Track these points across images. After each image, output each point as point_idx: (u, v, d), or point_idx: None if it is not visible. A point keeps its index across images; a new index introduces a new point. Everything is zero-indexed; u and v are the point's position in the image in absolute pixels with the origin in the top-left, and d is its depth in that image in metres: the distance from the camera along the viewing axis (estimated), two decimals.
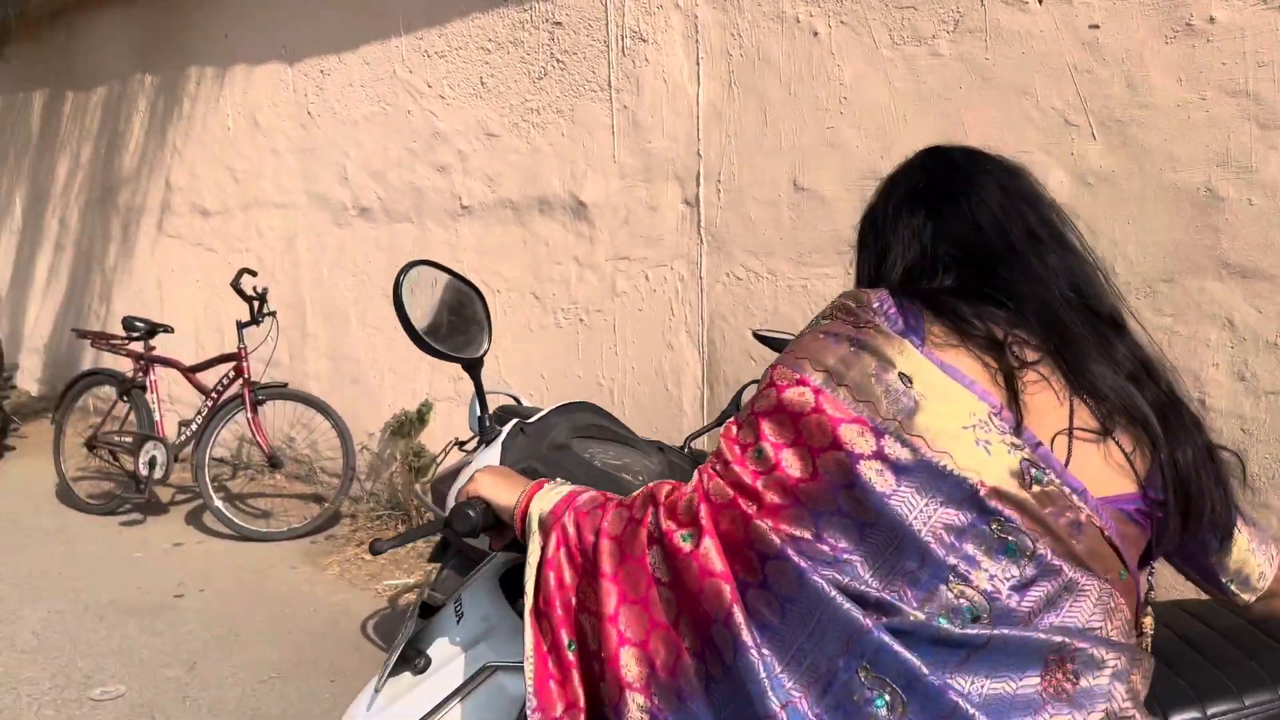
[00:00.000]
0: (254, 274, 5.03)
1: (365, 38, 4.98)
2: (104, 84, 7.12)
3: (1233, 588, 1.33)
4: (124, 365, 5.55)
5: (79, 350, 7.47)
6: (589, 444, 1.71)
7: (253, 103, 5.76)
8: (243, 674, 3.39)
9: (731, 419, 1.22)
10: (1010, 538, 1.05)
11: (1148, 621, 1.24)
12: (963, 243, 1.24)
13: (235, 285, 4.91)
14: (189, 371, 5.16)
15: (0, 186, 8.69)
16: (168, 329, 5.33)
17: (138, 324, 5.22)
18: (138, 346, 5.26)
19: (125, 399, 5.24)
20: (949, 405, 1.08)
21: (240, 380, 4.97)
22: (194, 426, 5.01)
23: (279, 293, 5.53)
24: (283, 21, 5.47)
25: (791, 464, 1.10)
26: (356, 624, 3.84)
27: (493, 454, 1.59)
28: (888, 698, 1.01)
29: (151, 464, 4.99)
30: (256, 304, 4.96)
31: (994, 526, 1.05)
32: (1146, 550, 1.20)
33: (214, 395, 5.02)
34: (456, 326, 1.72)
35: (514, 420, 1.69)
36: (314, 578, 4.38)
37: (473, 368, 1.67)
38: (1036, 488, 1.06)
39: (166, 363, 5.23)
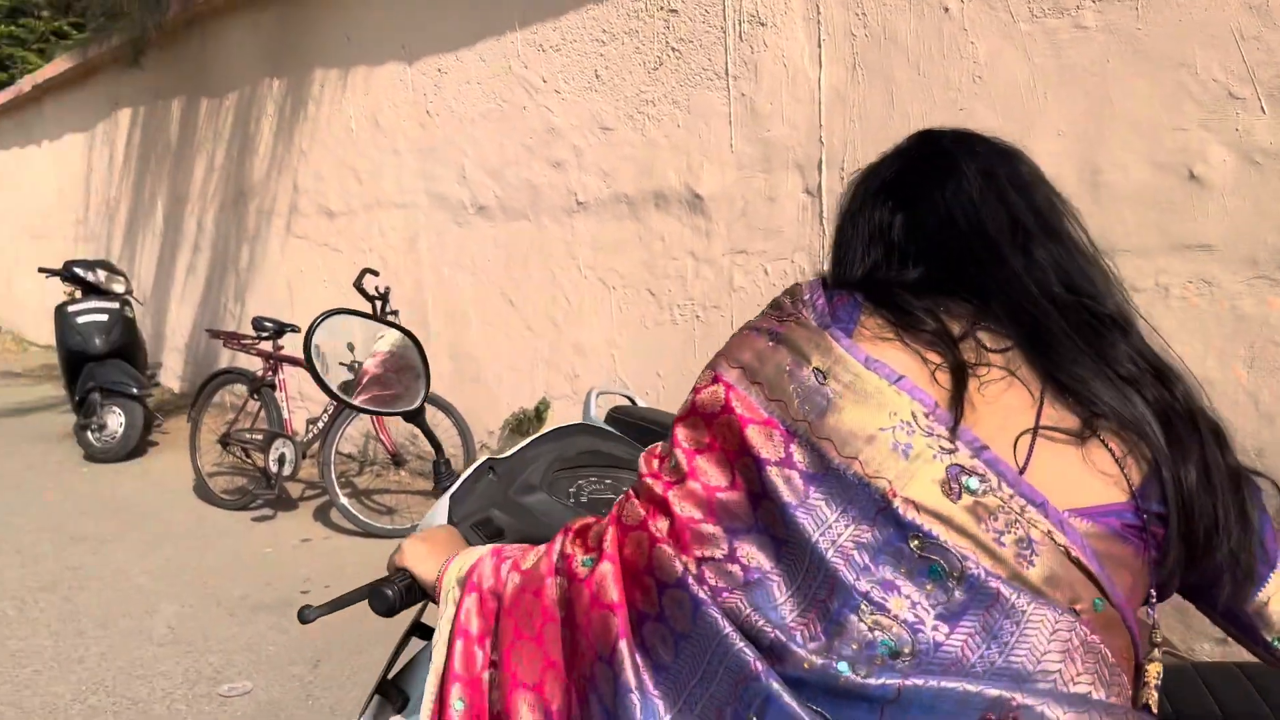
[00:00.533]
0: (376, 274, 5.08)
1: (481, 34, 4.97)
2: (235, 89, 7.34)
3: (1278, 645, 1.05)
4: (256, 364, 5.70)
5: (216, 349, 7.74)
6: (580, 475, 1.58)
7: (374, 103, 5.83)
8: (365, 674, 3.40)
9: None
10: (934, 557, 0.87)
11: (1152, 670, 0.97)
12: (933, 236, 1.07)
13: (358, 285, 4.97)
14: None
15: (143, 191, 9.07)
16: (295, 328, 5.44)
17: (266, 324, 5.34)
18: (267, 346, 5.38)
19: (256, 397, 5.38)
20: (866, 405, 0.92)
21: None
22: (320, 424, 5.10)
23: (402, 292, 5.59)
24: (401, 21, 5.51)
25: (707, 471, 0.98)
26: None
27: (440, 509, 1.46)
28: None
29: (280, 461, 5.10)
30: (379, 304, 5.02)
31: (914, 544, 0.88)
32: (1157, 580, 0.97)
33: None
34: (390, 378, 1.62)
35: (483, 458, 1.56)
36: None
37: (413, 418, 1.55)
38: (968, 498, 0.88)
39: (294, 361, 5.34)
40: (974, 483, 0.89)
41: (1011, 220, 1.04)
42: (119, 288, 7.03)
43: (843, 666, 0.86)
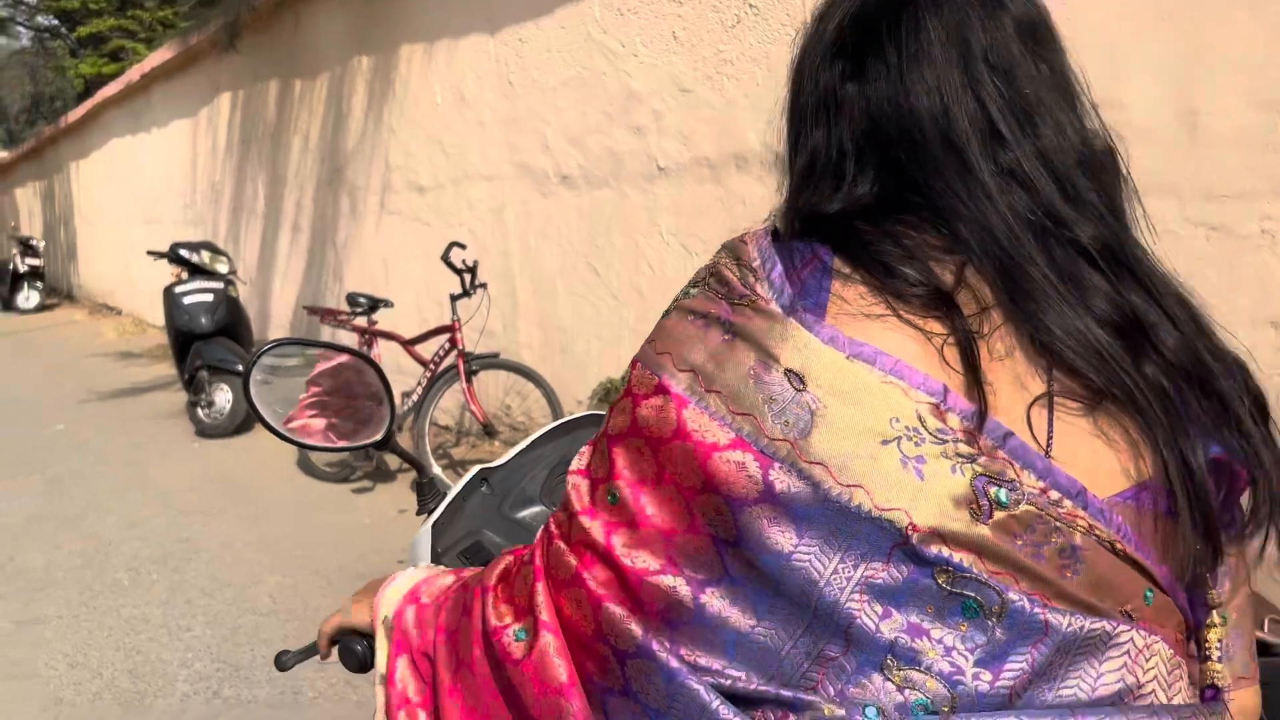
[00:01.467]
0: (463, 247, 5.12)
1: (560, 1, 4.93)
2: (326, 69, 7.46)
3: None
4: (352, 339, 5.82)
5: (319, 326, 7.94)
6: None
7: (458, 76, 5.86)
8: None
9: (587, 441, 0.88)
10: (967, 593, 0.71)
11: (1212, 637, 0.81)
12: (885, 124, 0.81)
13: (445, 258, 5.02)
14: (408, 344, 5.34)
15: (245, 173, 9.34)
16: (388, 303, 5.53)
17: (360, 299, 5.45)
18: (361, 321, 5.49)
19: None
20: (860, 410, 0.72)
21: (455, 351, 5.09)
22: (415, 397, 5.19)
23: (490, 264, 5.63)
24: None
25: (657, 512, 0.76)
26: None
27: (422, 541, 1.27)
28: None
29: None
30: (468, 276, 5.06)
31: (941, 579, 0.71)
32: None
33: (431, 366, 5.18)
34: (346, 406, 1.45)
35: (475, 469, 1.37)
36: None
37: (380, 447, 1.35)
38: (1001, 514, 0.71)
39: (388, 336, 5.43)
40: (1004, 495, 0.71)
41: (987, 116, 0.79)
42: (223, 268, 7.26)
43: (871, 714, 0.71)
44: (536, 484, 1.34)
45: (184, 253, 7.17)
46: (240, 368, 6.71)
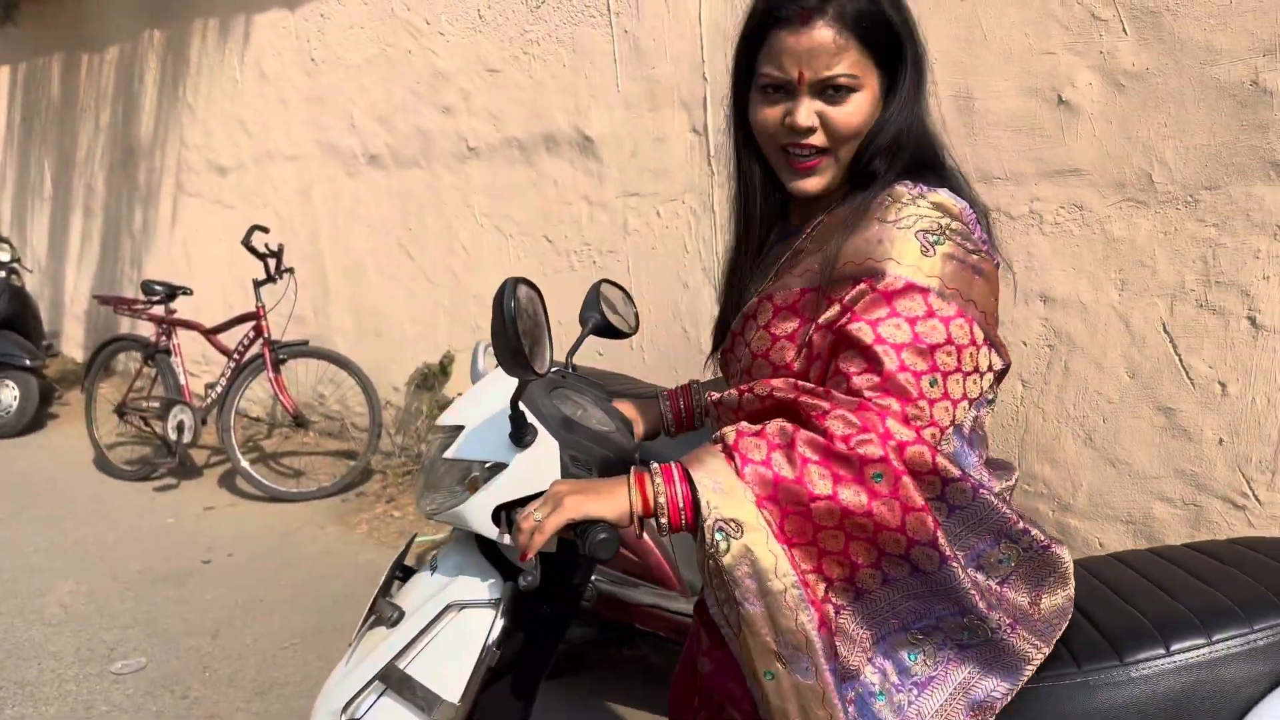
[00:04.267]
0: (266, 230, 4.91)
1: None
2: (116, 43, 7.01)
3: None
4: (149, 330, 5.51)
5: (116, 316, 7.49)
6: (560, 402, 1.57)
7: (257, 52, 5.61)
8: (264, 642, 3.34)
9: (879, 342, 1.19)
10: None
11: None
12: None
13: (246, 243, 4.81)
14: (210, 333, 5.10)
15: (30, 155, 8.68)
16: (187, 291, 5.26)
17: (156, 287, 5.16)
18: (158, 310, 5.20)
19: (151, 363, 5.21)
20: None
21: (260, 340, 4.89)
22: (218, 389, 4.96)
23: (298, 247, 5.43)
24: None
25: (956, 390, 1.21)
26: None
27: (550, 457, 1.41)
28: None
29: (180, 428, 4.96)
30: (273, 261, 4.86)
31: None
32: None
33: (235, 356, 4.96)
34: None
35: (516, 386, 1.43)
36: (343, 537, 4.33)
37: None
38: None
39: (188, 325, 5.17)
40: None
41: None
42: (4, 255, 6.74)
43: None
44: (559, 406, 1.47)
45: None
46: (29, 362, 6.26)
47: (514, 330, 1.20)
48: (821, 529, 1.15)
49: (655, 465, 1.23)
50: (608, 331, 1.84)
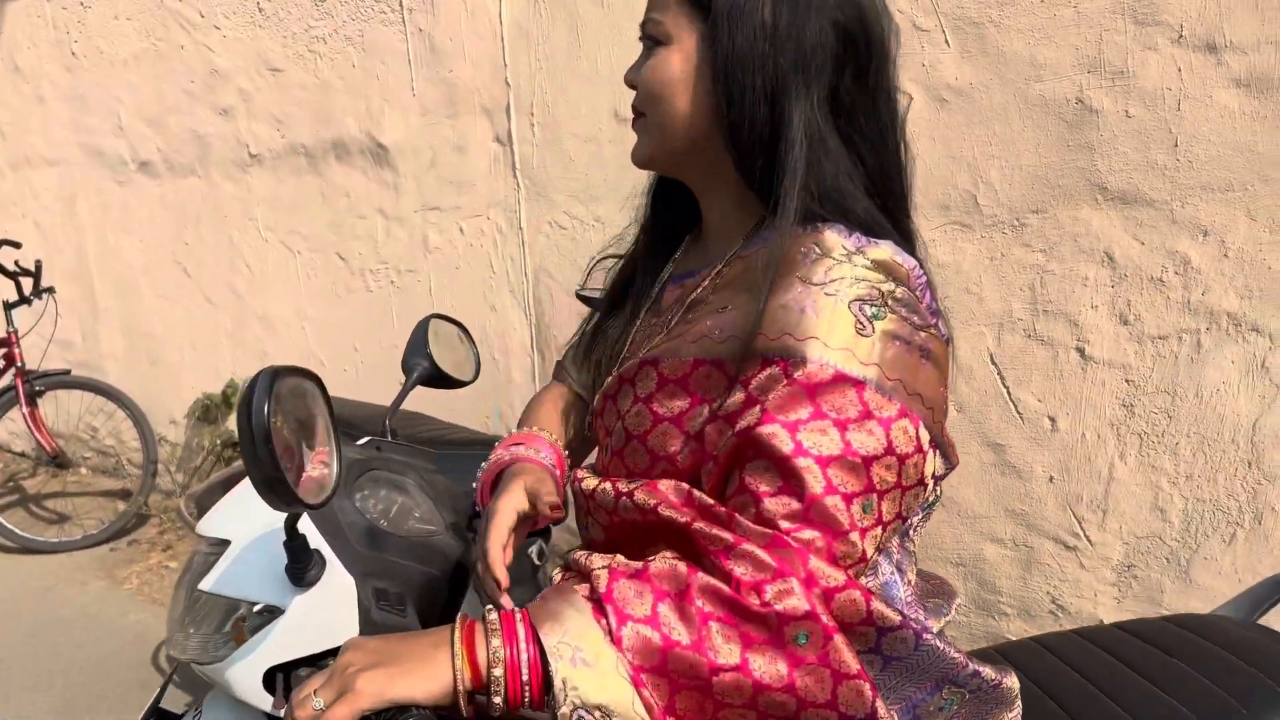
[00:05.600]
0: (17, 245, 4.31)
1: None
2: None
3: None
4: None
5: None
6: (362, 499, 1.21)
7: (10, 43, 4.95)
8: None
9: (800, 454, 0.89)
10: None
11: None
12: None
13: None
14: None
15: None
16: None
17: None
18: None
19: None
20: None
21: (12, 370, 4.28)
22: None
23: (62, 263, 4.83)
24: None
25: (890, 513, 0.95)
26: (149, 651, 3.30)
27: (342, 600, 1.04)
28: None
29: None
30: (28, 281, 4.27)
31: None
32: None
33: None
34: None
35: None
36: (108, 594, 3.80)
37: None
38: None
39: None
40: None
41: None
42: None
43: None
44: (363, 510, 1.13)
45: None
46: None
47: (267, 452, 0.84)
48: (725, 708, 0.86)
49: (493, 613, 0.89)
50: (439, 381, 1.52)
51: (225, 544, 1.11)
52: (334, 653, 0.98)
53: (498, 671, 0.84)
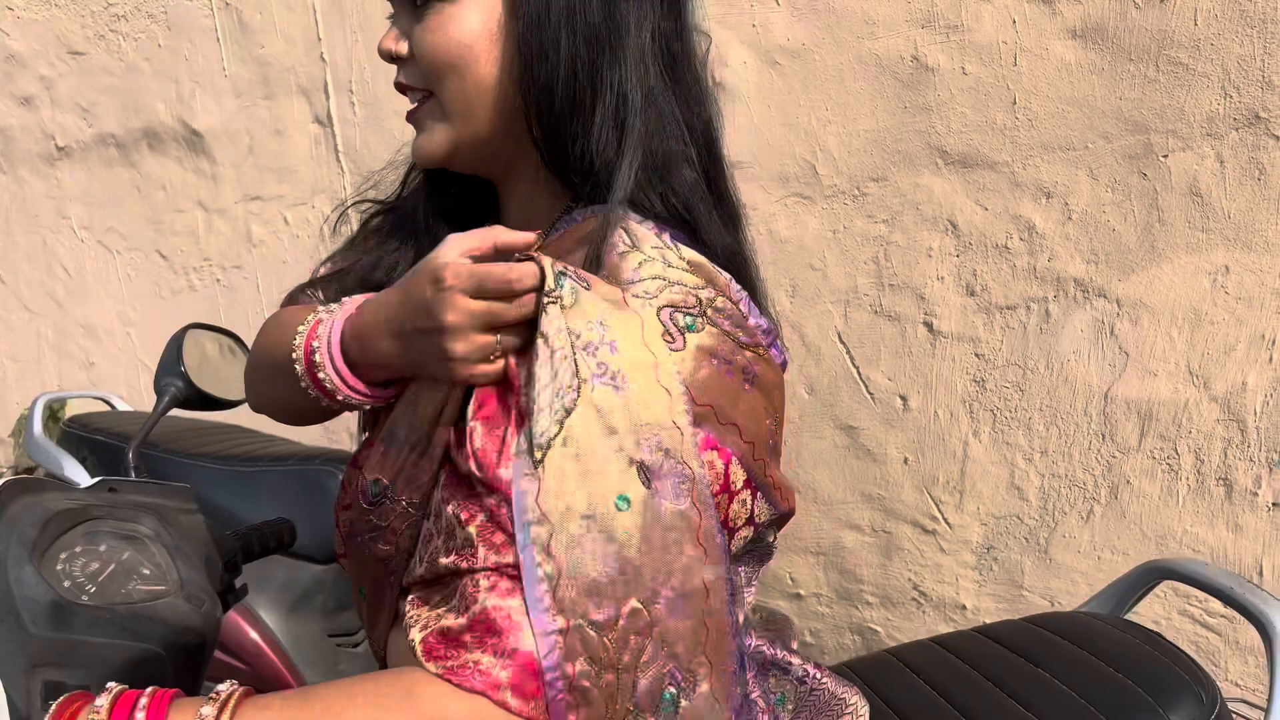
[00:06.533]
0: None
1: None
2: None
3: None
4: None
5: None
6: (68, 560, 0.98)
7: None
8: None
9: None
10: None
11: None
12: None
13: None
14: None
15: None
16: None
17: None
18: None
19: None
20: None
21: None
22: None
23: None
24: None
25: None
26: None
27: None
28: None
29: None
30: None
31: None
32: None
33: None
34: None
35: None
36: None
37: None
38: None
39: None
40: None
41: None
42: None
43: None
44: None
45: None
46: None
47: None
48: None
49: (102, 700, 0.70)
50: (200, 402, 1.30)
51: None
52: None
53: None
